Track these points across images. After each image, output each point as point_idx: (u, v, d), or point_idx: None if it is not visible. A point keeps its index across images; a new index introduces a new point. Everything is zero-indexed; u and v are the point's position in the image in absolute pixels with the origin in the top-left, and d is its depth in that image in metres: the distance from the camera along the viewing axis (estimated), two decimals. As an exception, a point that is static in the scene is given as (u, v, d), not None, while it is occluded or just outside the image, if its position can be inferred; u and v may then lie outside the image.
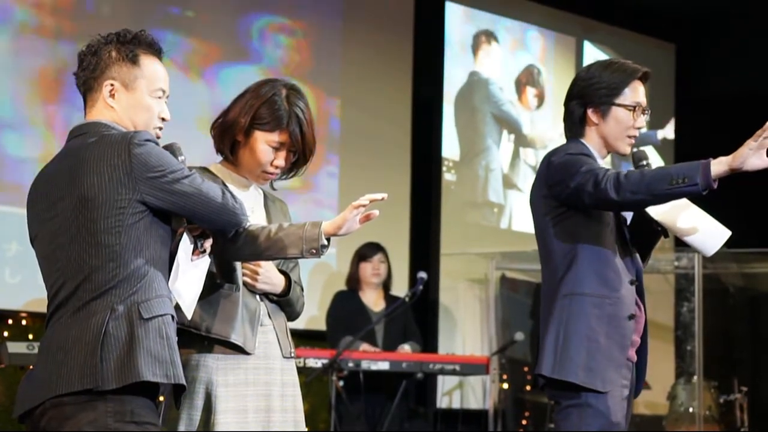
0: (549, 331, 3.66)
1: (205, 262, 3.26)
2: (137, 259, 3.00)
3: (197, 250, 3.21)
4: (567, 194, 3.63)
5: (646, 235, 3.89)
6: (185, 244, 3.18)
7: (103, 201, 2.98)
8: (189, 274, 3.19)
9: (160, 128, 3.20)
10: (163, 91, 3.19)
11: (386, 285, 7.23)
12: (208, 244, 3.24)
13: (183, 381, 3.05)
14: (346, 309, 7.06)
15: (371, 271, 7.14)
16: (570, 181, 3.61)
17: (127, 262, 2.98)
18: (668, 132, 10.40)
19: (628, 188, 3.47)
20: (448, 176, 9.01)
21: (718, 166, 3.44)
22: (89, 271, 2.98)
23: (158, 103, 3.18)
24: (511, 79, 9.53)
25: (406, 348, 6.97)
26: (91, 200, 2.98)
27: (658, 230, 3.86)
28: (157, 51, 3.20)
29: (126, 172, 2.98)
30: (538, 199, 3.77)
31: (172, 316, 3.07)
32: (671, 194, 3.47)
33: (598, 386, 3.62)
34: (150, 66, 3.16)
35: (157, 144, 3.06)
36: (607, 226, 3.73)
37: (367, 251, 7.16)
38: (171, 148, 3.16)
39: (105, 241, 2.98)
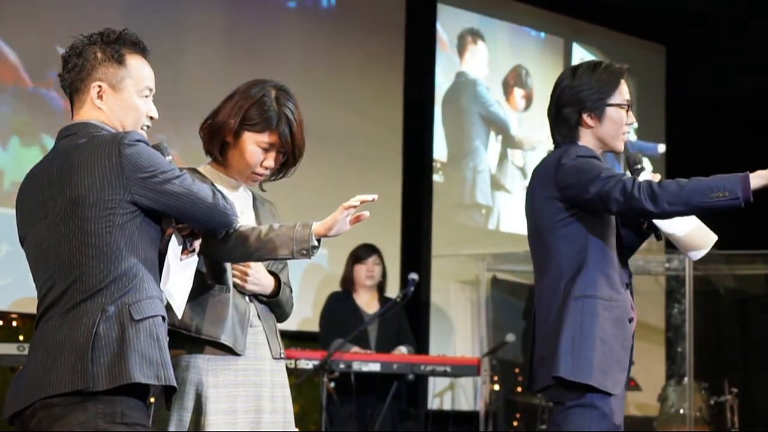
0: (563, 333, 3.65)
1: (194, 262, 3.26)
2: (128, 260, 2.99)
3: (186, 250, 3.21)
4: (587, 199, 3.63)
5: (634, 236, 3.91)
6: (174, 244, 3.18)
7: (94, 202, 2.97)
8: (179, 275, 3.19)
9: (148, 126, 3.20)
10: (150, 90, 3.19)
11: (380, 287, 7.21)
12: (197, 243, 3.24)
13: (174, 382, 3.05)
14: (339, 310, 7.05)
15: (365, 273, 7.12)
16: (590, 186, 3.61)
17: (118, 263, 2.98)
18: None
19: (665, 199, 3.49)
20: (435, 177, 9.01)
21: (758, 179, 3.46)
22: (80, 272, 2.98)
23: (146, 102, 3.18)
24: (499, 80, 9.54)
25: (402, 351, 6.97)
26: (81, 201, 2.98)
27: (645, 231, 3.88)
28: (142, 49, 3.19)
29: (117, 172, 2.98)
30: (543, 200, 3.75)
31: (163, 317, 3.07)
32: (710, 207, 3.49)
33: (609, 388, 3.62)
34: (136, 65, 3.16)
35: (147, 144, 3.06)
36: (612, 228, 3.74)
37: (362, 253, 7.14)
38: (159, 147, 3.16)
39: (96, 242, 2.98)
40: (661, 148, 10.33)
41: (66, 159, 3.03)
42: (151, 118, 3.20)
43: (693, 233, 3.80)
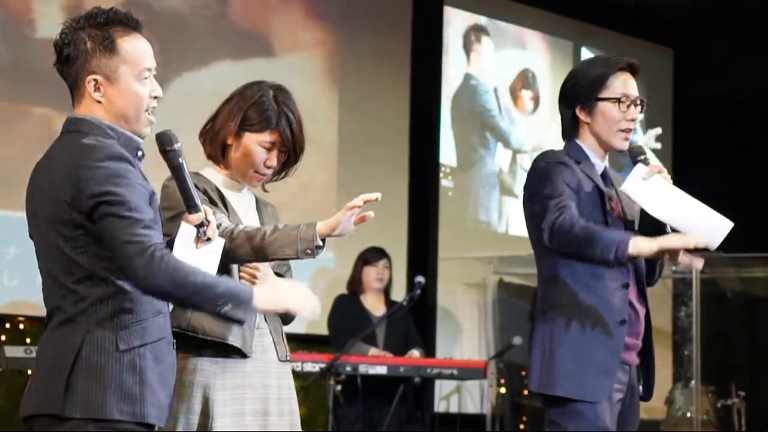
0: (535, 345, 3.66)
1: (218, 244, 3.12)
2: (114, 280, 2.86)
3: (200, 239, 3.06)
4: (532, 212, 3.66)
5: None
6: (186, 237, 3.04)
7: (63, 221, 2.85)
8: (202, 262, 2.99)
9: (154, 108, 3.01)
10: (149, 69, 2.98)
11: (386, 290, 7.22)
12: (209, 231, 3.07)
13: (151, 420, 2.91)
14: (347, 312, 7.05)
15: (375, 275, 7.11)
16: (534, 204, 3.62)
17: (104, 284, 2.86)
18: (651, 139, 10.35)
19: (559, 239, 3.49)
20: (445, 182, 9.01)
21: (639, 249, 3.43)
22: (66, 291, 2.87)
23: (147, 84, 2.98)
24: (507, 82, 9.53)
25: (415, 354, 6.97)
26: (54, 219, 2.86)
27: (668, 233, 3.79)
28: (134, 26, 2.98)
29: (74, 193, 2.82)
30: (524, 204, 3.74)
31: (156, 341, 2.92)
32: (584, 260, 3.50)
33: (587, 397, 3.59)
34: (130, 48, 2.95)
35: (120, 160, 2.87)
36: None
37: (372, 256, 7.13)
38: (166, 135, 3.01)
39: (75, 261, 2.86)
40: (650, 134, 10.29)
41: (47, 169, 2.90)
42: (156, 98, 3.01)
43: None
